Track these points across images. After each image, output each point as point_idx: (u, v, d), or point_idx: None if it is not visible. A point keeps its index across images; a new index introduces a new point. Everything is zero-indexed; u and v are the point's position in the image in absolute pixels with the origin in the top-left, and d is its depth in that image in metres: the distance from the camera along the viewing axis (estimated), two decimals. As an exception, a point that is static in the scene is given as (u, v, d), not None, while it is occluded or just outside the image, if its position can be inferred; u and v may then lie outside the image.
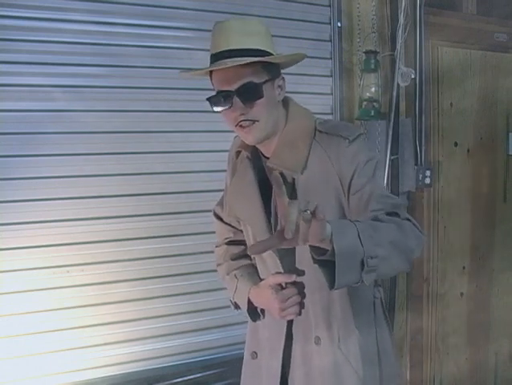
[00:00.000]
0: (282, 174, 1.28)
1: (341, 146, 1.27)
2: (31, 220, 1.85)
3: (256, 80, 1.23)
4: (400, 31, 2.38)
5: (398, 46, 2.40)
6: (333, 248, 1.00)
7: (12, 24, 1.80)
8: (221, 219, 1.56)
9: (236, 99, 1.22)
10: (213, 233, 1.62)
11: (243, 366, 1.56)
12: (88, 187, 1.93)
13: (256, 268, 1.47)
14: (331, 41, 2.36)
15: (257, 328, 1.49)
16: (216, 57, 1.23)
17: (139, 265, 2.02)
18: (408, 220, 1.20)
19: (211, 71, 1.27)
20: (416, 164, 2.55)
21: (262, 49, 1.24)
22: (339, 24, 2.36)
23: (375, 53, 2.38)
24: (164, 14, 2.02)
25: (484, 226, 2.85)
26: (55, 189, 1.88)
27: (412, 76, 2.43)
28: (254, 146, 1.36)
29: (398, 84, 2.42)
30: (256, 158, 1.39)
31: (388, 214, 1.17)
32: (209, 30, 2.06)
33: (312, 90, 2.30)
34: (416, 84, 2.51)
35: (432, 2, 2.56)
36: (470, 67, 2.74)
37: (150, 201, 2.02)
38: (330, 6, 2.34)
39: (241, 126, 1.26)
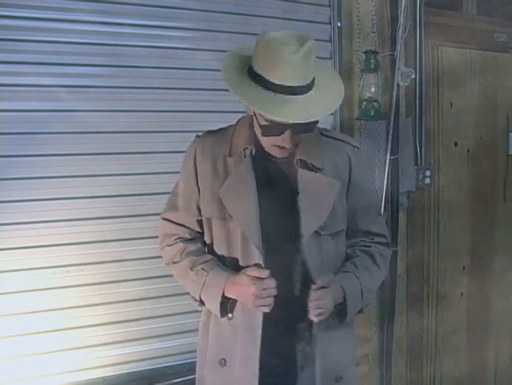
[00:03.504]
0: (310, 165, 1.37)
1: (351, 152, 1.45)
2: (31, 220, 1.85)
3: None
4: (400, 31, 2.38)
5: (398, 46, 2.39)
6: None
7: (19, 24, 1.80)
8: (171, 221, 1.50)
9: (288, 133, 1.26)
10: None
11: (207, 375, 1.48)
12: (89, 187, 1.93)
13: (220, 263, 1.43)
14: (331, 41, 2.36)
15: (222, 331, 1.43)
16: (279, 89, 1.22)
17: (139, 265, 2.02)
18: (386, 237, 1.55)
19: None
20: (416, 164, 2.55)
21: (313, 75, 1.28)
22: (339, 24, 2.35)
23: (375, 53, 2.38)
24: (169, 14, 2.02)
25: (484, 226, 2.85)
26: (56, 189, 1.88)
27: (412, 76, 2.43)
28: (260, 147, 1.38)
29: (398, 84, 2.42)
30: (258, 158, 1.38)
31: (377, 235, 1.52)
32: (214, 31, 2.09)
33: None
34: (416, 84, 2.51)
35: (432, 2, 2.56)
36: (470, 67, 2.74)
37: (150, 201, 2.02)
38: (330, 6, 2.34)
39: (278, 146, 1.31)
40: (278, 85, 1.21)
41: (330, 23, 2.35)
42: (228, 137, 1.43)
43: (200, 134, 1.49)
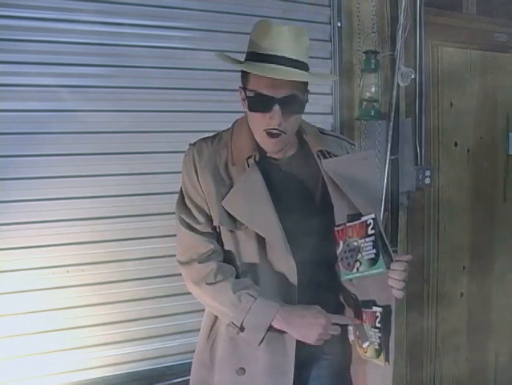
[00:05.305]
0: (327, 152, 1.43)
1: (349, 147, 1.53)
2: (31, 220, 1.85)
3: (299, 95, 1.30)
4: (400, 31, 2.38)
5: (398, 46, 2.39)
6: None
7: (19, 24, 1.80)
8: (195, 230, 1.38)
9: (277, 108, 1.27)
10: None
11: (217, 382, 1.40)
12: (89, 187, 1.92)
13: None
14: (331, 41, 2.36)
15: (239, 338, 1.36)
16: (266, 58, 1.26)
17: (139, 265, 2.02)
18: None
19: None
20: (416, 164, 2.55)
21: (306, 62, 1.31)
22: (339, 24, 2.35)
23: (375, 53, 2.38)
24: (169, 14, 2.02)
25: (484, 226, 2.85)
26: (56, 189, 1.88)
27: (412, 76, 2.43)
28: (263, 152, 1.38)
29: (398, 84, 2.42)
30: (262, 164, 1.37)
31: None
32: (215, 31, 2.08)
33: (312, 90, 2.27)
34: (416, 84, 2.52)
35: (432, 2, 2.57)
36: (470, 67, 2.74)
37: (150, 201, 2.02)
38: (330, 6, 2.34)
39: (270, 133, 1.31)
40: (265, 55, 1.26)
41: (330, 23, 2.35)
42: (225, 144, 1.40)
43: (192, 142, 1.44)
